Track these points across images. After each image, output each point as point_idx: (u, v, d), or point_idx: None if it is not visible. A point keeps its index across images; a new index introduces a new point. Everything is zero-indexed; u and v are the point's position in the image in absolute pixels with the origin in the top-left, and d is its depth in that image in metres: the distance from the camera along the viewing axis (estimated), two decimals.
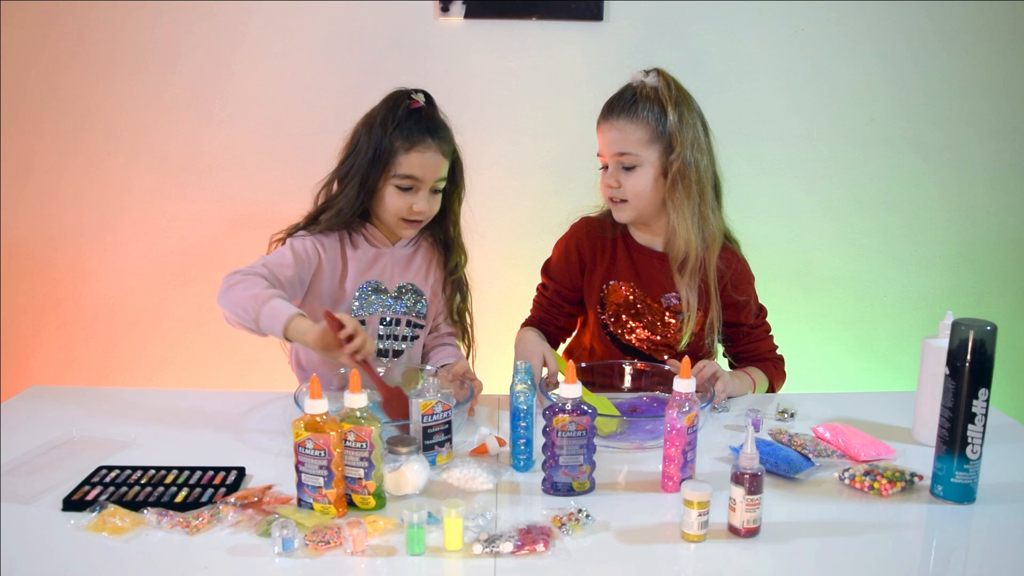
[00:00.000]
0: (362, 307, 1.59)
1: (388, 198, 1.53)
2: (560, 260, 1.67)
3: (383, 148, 1.50)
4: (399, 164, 1.50)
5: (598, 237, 1.64)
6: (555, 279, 1.67)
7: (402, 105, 1.52)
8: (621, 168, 1.52)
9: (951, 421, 1.14)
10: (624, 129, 1.51)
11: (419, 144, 1.50)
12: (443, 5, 2.02)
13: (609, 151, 1.53)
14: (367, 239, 1.60)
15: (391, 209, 1.54)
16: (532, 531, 1.03)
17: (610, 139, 1.52)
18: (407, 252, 1.64)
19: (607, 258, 1.63)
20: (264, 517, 1.08)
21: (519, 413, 1.23)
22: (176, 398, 1.55)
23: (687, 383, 1.16)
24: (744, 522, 1.04)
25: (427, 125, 1.52)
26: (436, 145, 1.52)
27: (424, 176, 1.52)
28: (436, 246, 1.67)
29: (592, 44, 2.06)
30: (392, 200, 1.53)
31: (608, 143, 1.53)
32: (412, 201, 1.53)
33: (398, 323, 1.62)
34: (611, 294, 1.63)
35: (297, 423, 1.09)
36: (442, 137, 1.53)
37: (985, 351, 1.11)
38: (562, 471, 1.15)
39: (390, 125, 1.50)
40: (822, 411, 1.47)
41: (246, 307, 1.37)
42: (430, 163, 1.51)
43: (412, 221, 1.56)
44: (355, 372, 1.11)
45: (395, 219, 1.55)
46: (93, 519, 1.06)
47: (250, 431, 1.38)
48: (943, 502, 1.15)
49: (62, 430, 1.35)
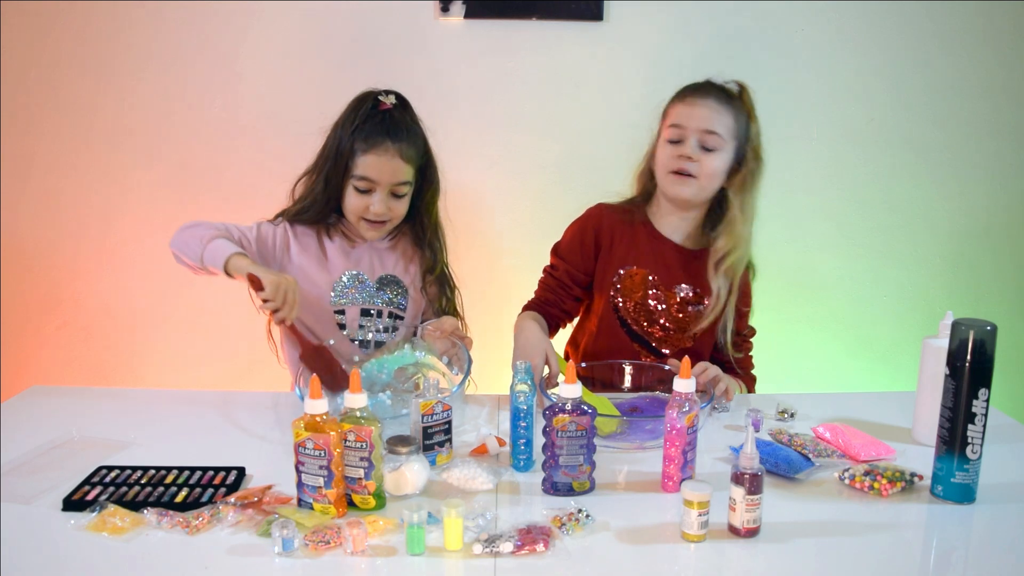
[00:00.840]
0: (342, 297, 1.61)
1: (348, 198, 1.56)
2: (574, 241, 1.67)
3: (343, 148, 1.53)
4: (356, 165, 1.52)
5: (618, 221, 1.65)
6: (567, 260, 1.67)
7: (365, 106, 1.53)
8: (700, 147, 1.54)
9: (951, 421, 1.14)
10: (717, 110, 1.54)
11: (376, 147, 1.51)
12: (443, 5, 2.02)
13: (696, 125, 1.54)
14: (344, 233, 1.63)
15: (351, 208, 1.57)
16: (532, 531, 1.03)
17: (701, 115, 1.54)
18: (385, 245, 1.66)
19: (626, 242, 1.64)
20: (264, 517, 1.08)
21: (519, 413, 1.23)
22: (176, 398, 1.56)
23: (687, 383, 1.16)
24: (744, 522, 1.04)
25: (387, 128, 1.52)
26: (396, 148, 1.52)
27: (379, 179, 1.53)
28: (414, 243, 1.68)
29: (592, 44, 2.05)
30: (351, 200, 1.56)
31: (698, 118, 1.54)
32: (368, 202, 1.54)
33: (380, 314, 1.63)
34: (627, 279, 1.63)
35: (297, 423, 1.09)
36: (404, 140, 1.53)
37: (985, 351, 1.11)
38: (562, 471, 1.15)
39: (350, 126, 1.53)
40: (822, 411, 1.47)
41: (191, 244, 1.46)
42: (387, 166, 1.52)
43: (372, 222, 1.57)
44: (355, 372, 1.11)
45: (355, 218, 1.58)
46: (93, 519, 1.06)
47: (250, 431, 1.39)
48: (943, 502, 1.15)
49: (62, 430, 1.35)
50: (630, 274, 1.63)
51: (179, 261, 1.52)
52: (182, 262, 1.51)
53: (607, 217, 1.65)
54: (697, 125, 1.53)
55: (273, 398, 1.51)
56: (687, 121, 1.54)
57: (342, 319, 1.62)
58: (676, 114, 1.56)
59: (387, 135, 1.52)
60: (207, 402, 1.51)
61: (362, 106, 1.54)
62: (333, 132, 1.57)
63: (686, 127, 1.54)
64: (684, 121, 1.54)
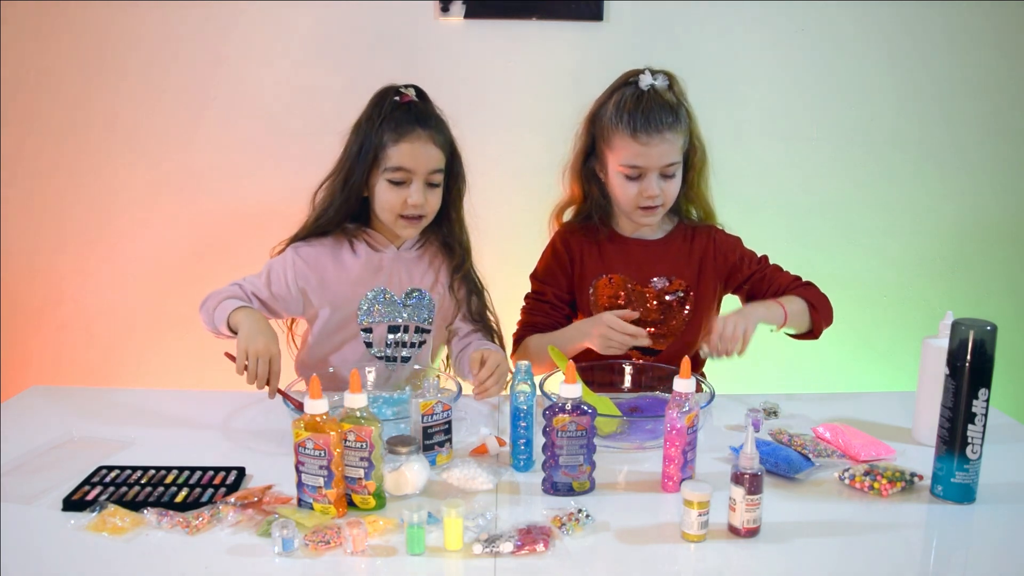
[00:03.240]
0: (368, 315, 1.56)
1: (382, 194, 1.50)
2: (551, 264, 1.68)
3: (371, 143, 1.47)
4: (389, 156, 1.47)
5: (583, 238, 1.66)
6: (550, 283, 1.67)
7: (388, 99, 1.49)
8: (661, 176, 1.55)
9: (951, 421, 1.14)
10: (673, 141, 1.53)
11: (408, 134, 1.46)
12: (443, 5, 2.02)
13: (655, 164, 1.53)
14: (369, 244, 1.57)
15: (386, 206, 1.50)
16: (532, 531, 1.03)
17: (660, 153, 1.52)
18: (413, 255, 1.60)
19: (595, 255, 1.65)
20: (264, 517, 1.08)
21: (519, 413, 1.23)
22: (176, 398, 1.56)
23: (687, 383, 1.16)
24: (744, 522, 1.04)
25: (416, 116, 1.49)
26: (427, 135, 1.48)
27: (416, 167, 1.47)
28: (441, 248, 1.62)
29: (592, 44, 2.05)
30: (386, 195, 1.49)
31: (657, 157, 1.52)
32: (406, 194, 1.48)
33: (406, 330, 1.58)
34: (602, 288, 1.64)
35: (297, 423, 1.09)
36: (433, 127, 1.50)
37: (985, 351, 1.11)
38: (562, 471, 1.15)
39: (376, 120, 1.48)
40: (822, 411, 1.47)
41: (208, 314, 1.46)
42: (421, 152, 1.47)
43: (410, 218, 1.51)
44: (355, 372, 1.11)
45: (392, 216, 1.51)
46: (93, 519, 1.06)
47: (250, 431, 1.39)
48: (943, 502, 1.15)
49: (62, 430, 1.35)
50: (604, 283, 1.64)
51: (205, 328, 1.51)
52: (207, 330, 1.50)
53: (573, 236, 1.67)
54: (656, 164, 1.53)
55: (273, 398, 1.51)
56: (646, 163, 1.53)
57: (369, 337, 1.57)
58: (631, 154, 1.53)
59: (416, 122, 1.48)
60: (207, 402, 1.51)
61: (385, 99, 1.50)
62: (356, 130, 1.52)
63: (645, 167, 1.54)
64: (643, 163, 1.53)
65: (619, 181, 1.57)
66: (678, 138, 1.54)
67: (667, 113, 1.52)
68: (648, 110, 1.52)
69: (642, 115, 1.52)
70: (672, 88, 1.57)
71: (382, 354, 1.58)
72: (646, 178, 1.54)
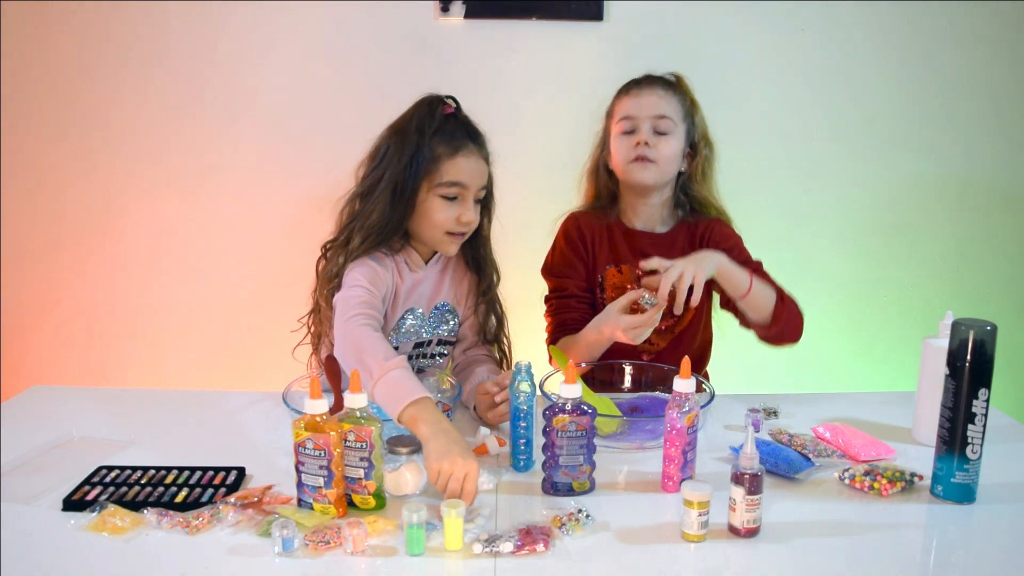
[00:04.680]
0: (397, 334, 1.49)
1: (433, 211, 1.41)
2: (565, 255, 1.66)
3: (423, 155, 1.39)
4: (444, 171, 1.39)
5: (594, 225, 1.66)
6: (567, 275, 1.66)
7: (437, 109, 1.42)
8: (654, 131, 1.56)
9: (951, 421, 1.14)
10: (664, 96, 1.58)
11: (463, 149, 1.40)
12: (443, 5, 2.02)
13: (647, 112, 1.56)
14: (407, 263, 1.48)
15: (437, 222, 1.42)
16: (532, 531, 1.03)
17: (650, 102, 1.57)
18: (438, 269, 1.54)
19: (605, 244, 1.65)
20: (264, 517, 1.08)
21: (519, 413, 1.23)
22: (176, 398, 1.56)
23: (687, 383, 1.16)
24: (744, 522, 1.04)
25: (467, 130, 1.43)
26: (478, 150, 1.43)
27: (471, 182, 1.42)
28: (467, 265, 1.58)
29: (592, 44, 2.05)
30: (438, 212, 1.41)
31: (647, 105, 1.57)
32: (460, 211, 1.41)
33: (430, 343, 1.54)
34: (611, 278, 1.64)
35: (297, 423, 1.09)
36: (481, 143, 1.45)
37: (985, 351, 1.11)
38: (562, 471, 1.15)
39: (428, 130, 1.39)
40: (822, 411, 1.47)
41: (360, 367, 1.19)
42: (476, 169, 1.42)
43: (457, 234, 1.44)
44: (355, 372, 1.11)
45: (440, 233, 1.43)
46: (93, 519, 1.06)
47: (250, 431, 1.38)
48: (943, 502, 1.15)
49: (62, 430, 1.35)
50: (613, 273, 1.64)
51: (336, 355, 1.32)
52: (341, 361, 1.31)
53: (583, 223, 1.67)
54: (648, 112, 1.56)
55: (273, 398, 1.51)
56: (637, 111, 1.57)
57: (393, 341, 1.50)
58: (625, 107, 1.59)
59: (467, 137, 1.42)
60: (207, 402, 1.51)
61: (434, 109, 1.41)
62: (400, 140, 1.41)
63: (637, 116, 1.57)
64: (634, 111, 1.57)
65: (616, 140, 1.60)
66: (671, 99, 1.58)
67: (662, 81, 1.60)
68: (643, 77, 1.61)
69: (635, 80, 1.62)
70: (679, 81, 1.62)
71: None
72: (638, 131, 1.56)
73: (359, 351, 1.24)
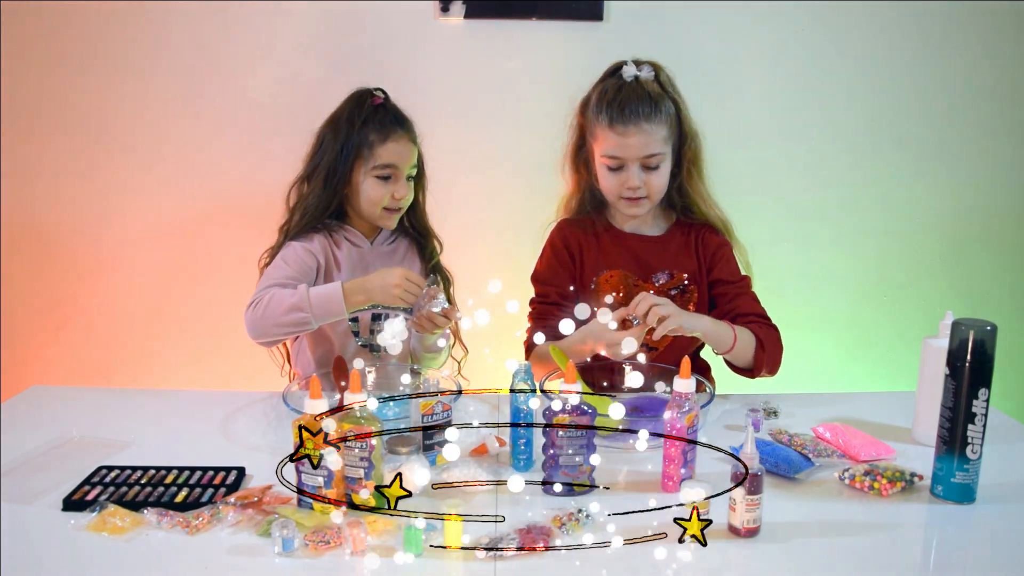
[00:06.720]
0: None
1: (369, 190, 1.61)
2: (552, 263, 1.67)
3: (354, 143, 1.59)
4: (377, 155, 1.59)
5: (581, 232, 1.66)
6: (552, 283, 1.66)
7: (366, 101, 1.62)
8: (643, 168, 1.54)
9: (951, 421, 1.14)
10: (651, 132, 1.52)
11: (393, 134, 1.60)
12: (443, 5, 2.02)
13: (635, 155, 1.53)
14: (348, 239, 1.66)
15: (373, 199, 1.61)
16: (532, 531, 1.04)
17: (637, 143, 1.52)
18: (388, 248, 1.72)
19: (595, 249, 1.65)
20: (264, 517, 1.08)
21: (519, 413, 1.23)
22: (176, 398, 1.56)
23: (687, 383, 1.16)
24: (744, 522, 1.04)
25: (395, 116, 1.62)
26: (406, 134, 1.62)
27: (401, 163, 1.61)
28: (412, 238, 1.75)
29: (592, 44, 2.05)
30: (373, 191, 1.61)
31: (636, 147, 1.52)
32: (393, 189, 1.61)
33: (387, 317, 1.66)
34: (604, 283, 1.63)
35: (297, 423, 1.08)
36: (409, 128, 1.64)
37: (985, 351, 1.11)
38: (562, 471, 1.15)
39: (358, 120, 1.59)
40: (822, 411, 1.47)
41: (291, 312, 1.46)
42: (405, 150, 1.62)
43: (393, 210, 1.64)
44: (355, 372, 1.11)
45: (378, 210, 1.63)
46: (93, 519, 1.06)
47: (250, 431, 1.38)
48: (943, 502, 1.15)
49: (62, 430, 1.35)
50: (606, 278, 1.63)
51: (271, 342, 1.55)
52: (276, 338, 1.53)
53: (569, 232, 1.67)
54: (635, 155, 1.53)
55: (273, 398, 1.51)
56: (624, 153, 1.53)
57: (355, 326, 1.67)
58: (610, 144, 1.54)
59: (396, 123, 1.62)
60: (207, 402, 1.51)
61: (364, 101, 1.62)
62: (334, 130, 1.62)
63: (624, 158, 1.54)
64: (621, 153, 1.53)
65: (603, 172, 1.58)
66: (659, 129, 1.53)
67: (646, 104, 1.52)
68: (626, 101, 1.52)
69: (619, 106, 1.52)
70: (658, 78, 1.56)
71: (367, 343, 1.67)
72: (627, 169, 1.54)
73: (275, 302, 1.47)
